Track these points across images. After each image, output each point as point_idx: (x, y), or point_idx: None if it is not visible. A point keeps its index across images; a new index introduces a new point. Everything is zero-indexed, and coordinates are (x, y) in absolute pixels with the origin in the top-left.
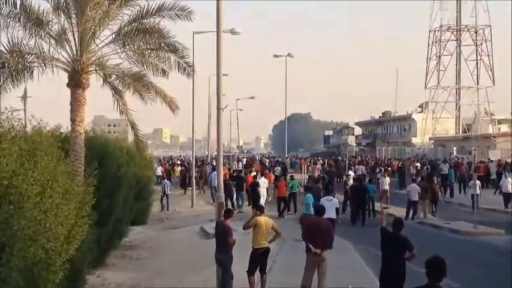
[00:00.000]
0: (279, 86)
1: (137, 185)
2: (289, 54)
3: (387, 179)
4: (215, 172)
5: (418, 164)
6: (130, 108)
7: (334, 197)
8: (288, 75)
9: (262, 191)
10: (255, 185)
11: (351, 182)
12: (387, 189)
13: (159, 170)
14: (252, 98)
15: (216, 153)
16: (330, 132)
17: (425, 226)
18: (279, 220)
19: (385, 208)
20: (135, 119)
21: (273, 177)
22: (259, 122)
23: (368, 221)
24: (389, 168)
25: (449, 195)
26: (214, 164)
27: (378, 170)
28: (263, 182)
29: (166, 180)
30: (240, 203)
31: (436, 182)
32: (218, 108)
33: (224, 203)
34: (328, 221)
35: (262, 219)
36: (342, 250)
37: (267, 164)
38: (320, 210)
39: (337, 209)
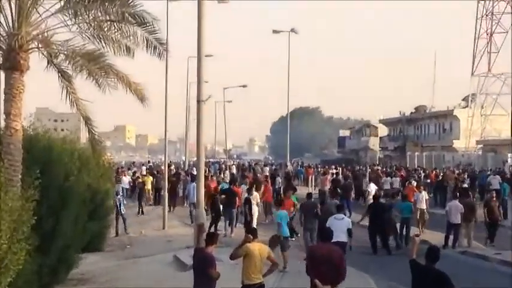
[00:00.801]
0: (279, 72)
1: (92, 200)
2: (292, 30)
3: (423, 195)
4: (194, 184)
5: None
6: (84, 99)
7: (345, 215)
8: (291, 58)
9: (253, 208)
10: (247, 201)
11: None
12: (424, 209)
13: (127, 182)
14: (244, 86)
15: (195, 158)
16: (347, 133)
17: (469, 257)
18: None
19: (416, 236)
20: (90, 113)
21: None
22: (254, 118)
23: (399, 250)
24: (428, 181)
25: (502, 217)
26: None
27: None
28: (254, 197)
29: (119, 196)
30: (228, 224)
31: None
32: (198, 101)
33: (204, 224)
34: (340, 249)
35: (256, 246)
36: (359, 286)
37: (266, 173)
38: (327, 234)
39: (349, 230)
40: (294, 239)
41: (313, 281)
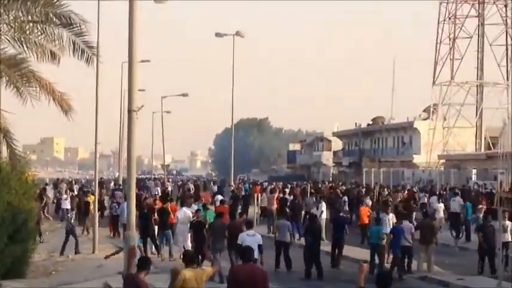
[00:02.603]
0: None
1: (12, 222)
2: (237, 33)
3: (391, 217)
4: (125, 203)
5: (423, 194)
6: (3, 109)
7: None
8: (236, 64)
9: (182, 228)
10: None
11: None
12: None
13: (67, 202)
14: (185, 95)
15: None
16: (297, 147)
17: (430, 283)
18: None
19: (364, 262)
20: (9, 124)
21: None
22: (196, 130)
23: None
24: (391, 200)
25: (464, 239)
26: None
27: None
28: (183, 216)
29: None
30: (164, 245)
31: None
32: (130, 110)
33: (138, 247)
34: (264, 270)
35: (191, 273)
36: None
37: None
38: (247, 253)
39: (259, 246)
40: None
41: None
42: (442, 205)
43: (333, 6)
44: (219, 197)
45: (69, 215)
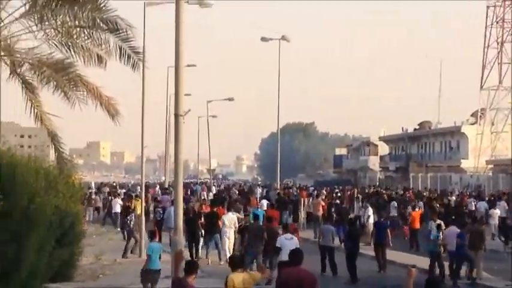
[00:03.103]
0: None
1: (60, 225)
2: (283, 38)
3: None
4: (172, 207)
5: (471, 200)
6: (51, 113)
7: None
8: (282, 68)
9: (228, 232)
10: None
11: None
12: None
13: (118, 206)
14: (231, 100)
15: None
16: (344, 151)
17: None
18: None
19: (413, 267)
20: (57, 128)
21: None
22: (242, 135)
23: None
24: (437, 205)
25: None
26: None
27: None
28: (229, 220)
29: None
30: (208, 250)
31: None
32: (176, 114)
33: (185, 252)
34: (313, 274)
35: (239, 278)
36: None
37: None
38: (297, 256)
39: None
40: None
41: None
42: (497, 211)
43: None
44: (264, 202)
45: (128, 217)
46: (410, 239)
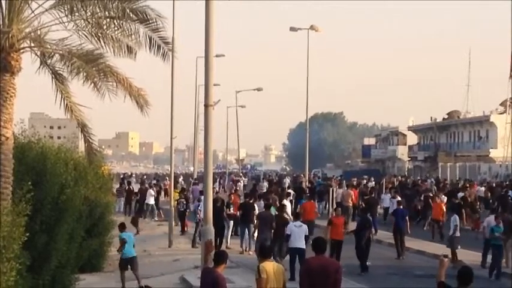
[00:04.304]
0: (297, 74)
1: (90, 215)
2: (312, 27)
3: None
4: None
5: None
6: (81, 104)
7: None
8: (311, 58)
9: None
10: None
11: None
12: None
13: (152, 198)
14: (259, 90)
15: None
16: (372, 141)
17: (508, 279)
18: None
19: (445, 256)
20: (87, 119)
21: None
22: (270, 125)
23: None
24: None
25: None
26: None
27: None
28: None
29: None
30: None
31: None
32: (206, 105)
33: (213, 242)
34: (336, 262)
35: (270, 266)
36: None
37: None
38: (320, 245)
39: (306, 237)
40: None
41: None
42: None
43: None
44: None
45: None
46: (432, 230)
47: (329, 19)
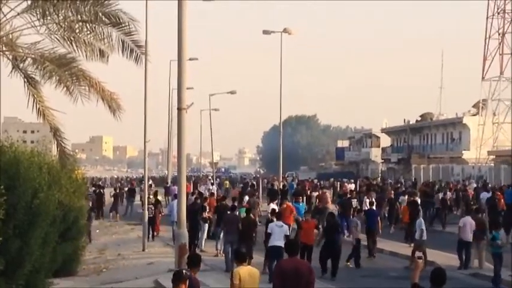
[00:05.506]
0: (271, 77)
1: (63, 219)
2: (285, 30)
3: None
4: (176, 200)
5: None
6: (52, 108)
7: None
8: (284, 61)
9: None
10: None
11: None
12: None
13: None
14: (233, 93)
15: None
16: (346, 143)
17: (481, 279)
18: None
19: (419, 258)
20: (59, 124)
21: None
22: (244, 128)
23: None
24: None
25: None
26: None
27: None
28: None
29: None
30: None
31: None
32: (179, 108)
33: (187, 245)
34: (308, 263)
35: (245, 271)
36: None
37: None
38: (293, 246)
39: (286, 237)
40: None
41: None
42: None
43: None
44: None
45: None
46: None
47: (303, 21)
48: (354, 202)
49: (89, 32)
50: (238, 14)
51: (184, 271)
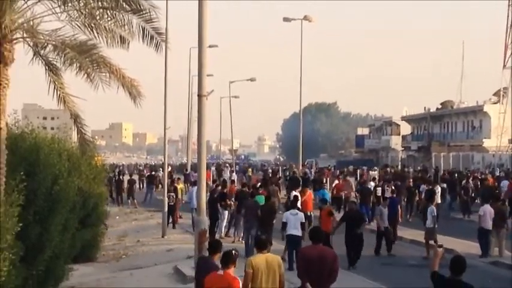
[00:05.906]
0: (291, 64)
1: (83, 206)
2: (305, 18)
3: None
4: (195, 187)
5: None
6: (73, 94)
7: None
8: (304, 48)
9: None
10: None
11: None
12: None
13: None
14: (253, 80)
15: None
16: (365, 131)
17: (501, 268)
18: None
19: (439, 246)
20: (80, 110)
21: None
22: (263, 115)
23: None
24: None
25: None
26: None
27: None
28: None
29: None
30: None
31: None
32: (200, 95)
33: (208, 231)
34: (333, 251)
35: (262, 259)
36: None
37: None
38: (317, 234)
39: (302, 224)
40: None
41: (304, 284)
42: None
43: None
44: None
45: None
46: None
47: (324, 10)
48: (379, 190)
49: (109, 19)
50: (259, 1)
51: (233, 251)
